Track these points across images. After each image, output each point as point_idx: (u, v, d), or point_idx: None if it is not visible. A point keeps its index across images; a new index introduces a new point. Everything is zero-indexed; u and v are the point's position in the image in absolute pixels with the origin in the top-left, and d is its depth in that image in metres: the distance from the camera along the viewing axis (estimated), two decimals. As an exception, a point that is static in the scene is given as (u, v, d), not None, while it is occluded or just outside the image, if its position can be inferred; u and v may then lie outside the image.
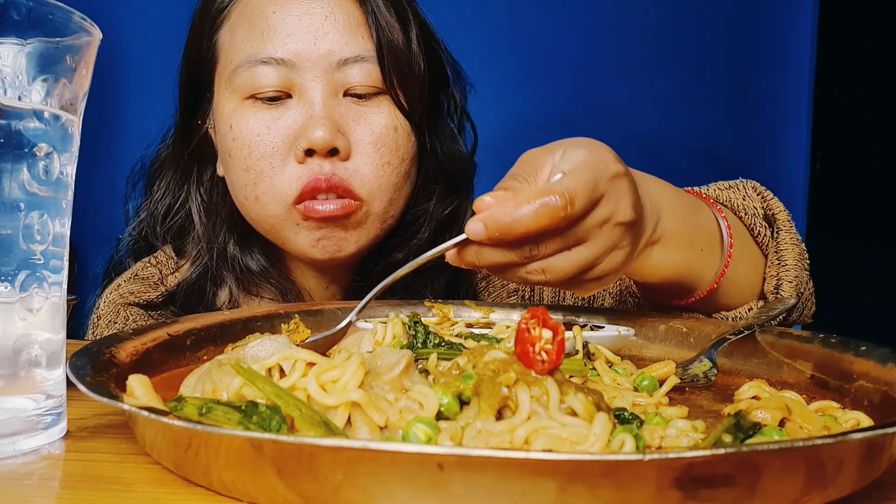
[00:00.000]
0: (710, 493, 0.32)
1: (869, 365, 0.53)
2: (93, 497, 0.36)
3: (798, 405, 0.47)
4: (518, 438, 0.37)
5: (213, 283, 0.90)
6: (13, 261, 0.41)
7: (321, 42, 0.80)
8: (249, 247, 0.90)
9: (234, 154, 0.82)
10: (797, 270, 0.75)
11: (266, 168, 0.80)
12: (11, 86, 0.41)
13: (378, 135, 0.81)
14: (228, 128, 0.82)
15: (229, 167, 0.84)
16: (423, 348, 0.55)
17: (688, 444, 0.41)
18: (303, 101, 0.80)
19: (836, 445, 0.33)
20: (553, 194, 0.50)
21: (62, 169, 0.44)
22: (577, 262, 0.55)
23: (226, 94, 0.83)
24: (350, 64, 0.81)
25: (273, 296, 0.91)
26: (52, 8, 0.41)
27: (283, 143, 0.80)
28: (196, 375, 0.48)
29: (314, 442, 0.32)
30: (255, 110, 0.81)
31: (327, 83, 0.80)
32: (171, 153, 0.95)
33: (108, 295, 0.92)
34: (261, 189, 0.81)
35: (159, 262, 0.94)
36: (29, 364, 0.42)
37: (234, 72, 0.82)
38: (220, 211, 0.91)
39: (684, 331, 0.70)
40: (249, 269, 0.89)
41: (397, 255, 0.90)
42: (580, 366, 0.53)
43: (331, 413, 0.38)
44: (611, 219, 0.55)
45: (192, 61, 0.88)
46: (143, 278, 0.92)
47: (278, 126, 0.80)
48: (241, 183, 0.83)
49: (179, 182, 0.93)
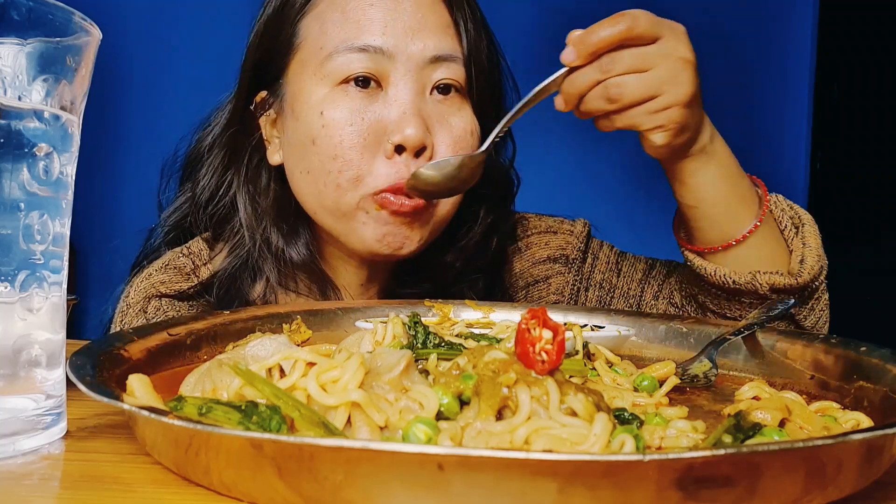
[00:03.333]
0: (711, 494, 0.32)
1: (869, 365, 0.53)
2: (93, 497, 0.36)
3: (798, 406, 0.47)
4: (518, 439, 0.37)
5: (250, 274, 0.90)
6: (13, 261, 0.41)
7: (416, 38, 0.82)
8: (294, 238, 0.90)
9: (322, 141, 0.82)
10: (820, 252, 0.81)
11: (355, 157, 0.81)
12: (11, 86, 0.41)
13: (457, 137, 0.84)
14: (318, 114, 0.82)
15: (311, 154, 0.83)
16: (423, 348, 0.55)
17: (688, 444, 0.41)
18: (394, 95, 0.82)
19: (836, 446, 0.33)
20: (621, 15, 0.71)
21: (62, 169, 0.44)
22: (645, 82, 0.71)
23: (314, 81, 0.84)
24: (440, 62, 0.83)
25: (309, 292, 0.91)
26: (52, 8, 0.41)
27: (373, 135, 0.81)
28: (196, 375, 0.48)
29: (314, 442, 0.32)
30: (349, 99, 0.82)
31: (417, 79, 0.83)
32: (222, 138, 0.94)
33: (139, 284, 0.91)
34: (345, 178, 0.82)
35: (192, 253, 0.93)
36: (29, 364, 0.42)
37: (327, 57, 0.82)
38: (265, 201, 0.91)
39: (684, 331, 0.70)
40: (292, 260, 0.89)
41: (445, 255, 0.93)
42: (580, 366, 0.53)
43: (331, 413, 0.38)
44: (672, 54, 0.72)
45: (267, 46, 0.89)
46: (176, 268, 0.91)
47: (369, 117, 0.81)
48: (325, 170, 0.82)
49: (226, 168, 0.94)
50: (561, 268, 1.00)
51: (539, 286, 1.00)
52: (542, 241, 1.02)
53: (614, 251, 1.02)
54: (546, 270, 1.00)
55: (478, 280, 0.95)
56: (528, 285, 1.01)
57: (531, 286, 1.01)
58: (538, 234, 1.02)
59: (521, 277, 1.01)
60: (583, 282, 1.00)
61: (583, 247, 1.01)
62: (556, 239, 1.01)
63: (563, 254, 1.00)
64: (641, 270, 0.98)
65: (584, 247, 1.01)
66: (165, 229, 0.98)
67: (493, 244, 0.96)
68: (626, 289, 0.98)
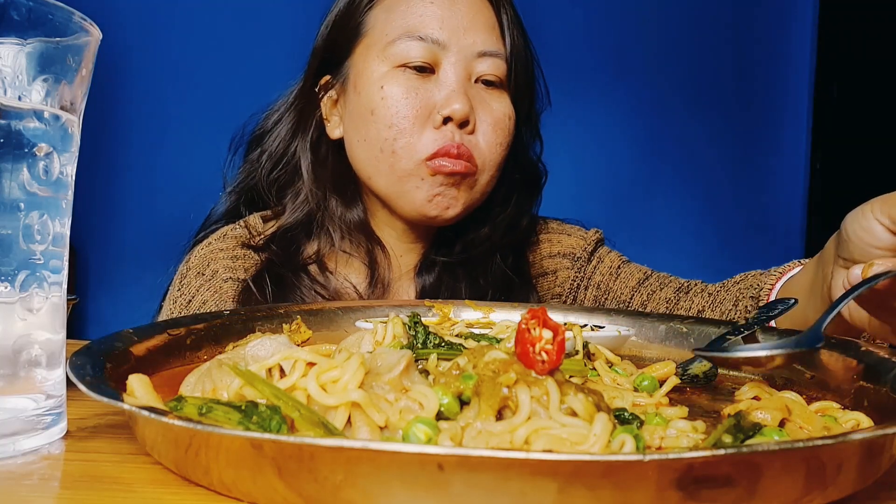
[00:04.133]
0: (711, 494, 0.32)
1: (869, 365, 0.53)
2: (93, 497, 0.36)
3: (798, 406, 0.47)
4: (518, 439, 0.37)
5: (307, 233, 1.01)
6: (13, 261, 0.41)
7: (468, 34, 0.95)
8: (352, 204, 1.02)
9: (380, 112, 0.94)
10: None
11: (408, 127, 0.93)
12: (11, 86, 0.41)
13: (497, 118, 0.96)
14: (379, 88, 0.94)
15: (369, 123, 0.95)
16: (423, 348, 0.55)
17: (688, 444, 0.41)
18: (444, 78, 0.94)
19: (836, 446, 0.33)
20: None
21: (62, 169, 0.44)
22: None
23: (377, 62, 0.96)
24: (486, 57, 0.96)
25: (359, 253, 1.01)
26: (52, 8, 0.41)
27: (424, 109, 0.93)
28: (196, 375, 0.48)
29: (314, 442, 0.32)
30: (405, 78, 0.94)
31: (465, 68, 0.95)
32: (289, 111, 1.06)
33: (200, 251, 1.01)
34: (399, 144, 0.93)
35: (248, 225, 1.04)
36: (29, 364, 0.42)
37: (391, 42, 0.95)
38: (325, 170, 1.03)
39: (684, 331, 0.70)
40: (350, 220, 1.01)
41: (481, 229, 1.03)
42: (581, 366, 0.53)
43: (331, 413, 0.38)
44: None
45: (336, 34, 1.02)
46: (233, 237, 1.02)
47: (422, 94, 0.93)
48: (382, 137, 0.94)
49: (291, 138, 1.06)
50: (568, 263, 1.09)
51: (547, 278, 1.10)
52: (556, 240, 1.12)
53: (620, 259, 1.10)
54: (555, 264, 1.10)
55: (507, 255, 1.05)
56: (538, 275, 1.11)
57: (540, 277, 1.11)
58: (555, 234, 1.13)
59: (532, 268, 1.10)
60: (584, 280, 1.08)
61: (591, 249, 1.10)
62: (569, 240, 1.12)
63: (571, 251, 1.10)
64: (637, 279, 1.05)
65: (591, 249, 1.10)
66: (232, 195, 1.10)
67: (523, 223, 1.07)
68: (619, 293, 1.06)
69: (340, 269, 1.01)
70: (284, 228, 1.01)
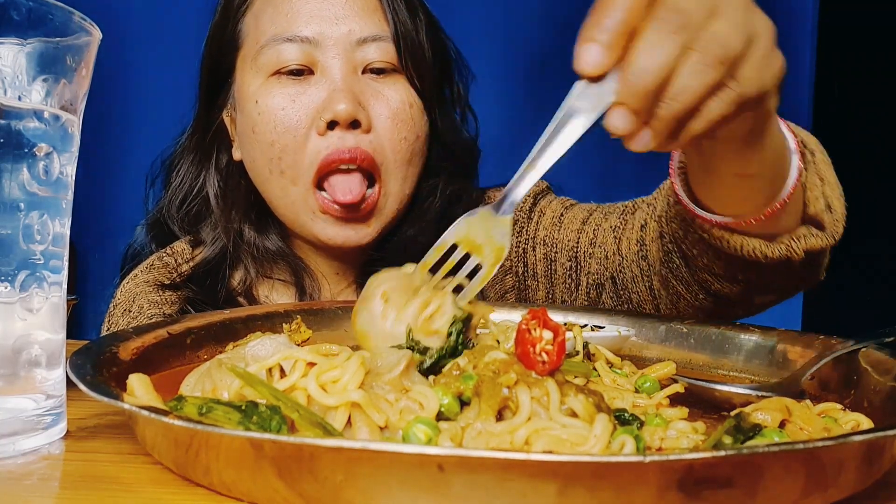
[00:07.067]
0: (711, 495, 0.32)
1: (869, 366, 0.53)
2: (93, 497, 0.36)
3: (798, 407, 0.47)
4: (518, 439, 0.37)
5: (230, 264, 0.94)
6: (13, 261, 0.41)
7: (342, 23, 0.86)
8: (265, 229, 0.94)
9: (259, 129, 0.86)
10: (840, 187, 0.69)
11: (290, 141, 0.84)
12: (11, 86, 0.41)
13: (395, 109, 0.87)
14: (254, 103, 0.87)
15: (253, 143, 0.87)
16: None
17: (688, 445, 0.41)
18: (325, 77, 0.85)
19: (836, 447, 0.33)
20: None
21: (62, 169, 0.44)
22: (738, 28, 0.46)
23: (251, 74, 0.88)
24: (368, 43, 0.86)
25: (286, 277, 0.94)
26: (52, 8, 0.41)
27: (306, 117, 0.84)
28: (196, 375, 0.48)
29: (315, 442, 0.32)
30: (281, 86, 0.86)
31: (347, 60, 0.86)
32: (190, 141, 0.99)
33: (125, 285, 0.96)
34: (286, 163, 0.85)
35: (175, 253, 0.97)
36: (29, 364, 0.42)
37: (259, 50, 0.87)
38: (236, 195, 0.95)
39: (684, 331, 0.69)
40: (267, 249, 0.93)
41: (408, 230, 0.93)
42: (583, 366, 0.53)
43: (331, 413, 0.38)
44: None
45: (216, 49, 0.94)
46: (160, 267, 0.96)
47: (302, 101, 0.85)
48: (266, 157, 0.86)
49: (197, 169, 0.98)
50: None
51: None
52: None
53: (564, 204, 0.97)
54: None
55: None
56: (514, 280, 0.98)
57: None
58: None
59: None
60: (528, 242, 0.96)
61: (528, 206, 0.97)
62: None
63: None
64: (581, 220, 0.93)
65: (529, 206, 0.97)
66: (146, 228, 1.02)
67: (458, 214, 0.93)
68: (566, 241, 0.93)
69: (270, 296, 0.95)
70: (202, 263, 0.94)
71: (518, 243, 0.96)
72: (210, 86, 0.95)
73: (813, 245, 0.66)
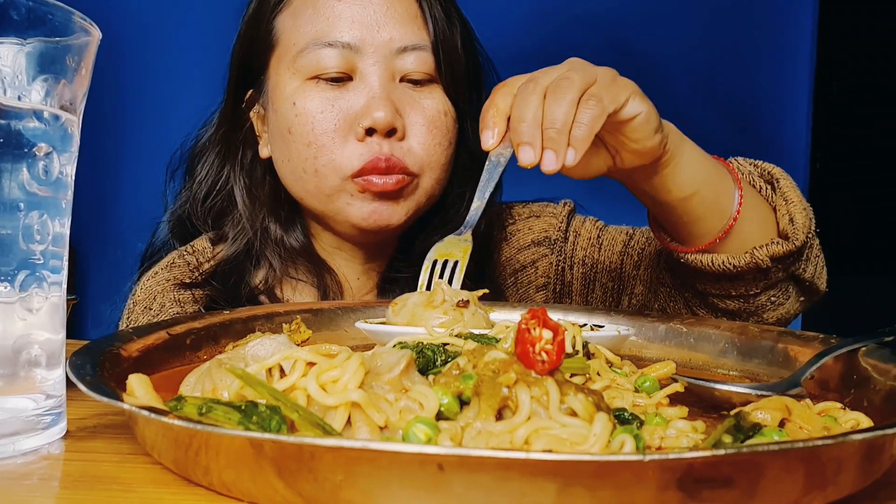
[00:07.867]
0: (711, 494, 0.32)
1: (869, 366, 0.53)
2: (93, 497, 0.36)
3: (798, 406, 0.47)
4: (518, 439, 0.37)
5: (252, 262, 0.95)
6: (13, 261, 0.41)
7: (383, 30, 0.86)
8: (291, 227, 0.95)
9: (296, 129, 0.87)
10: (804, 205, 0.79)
11: (328, 143, 0.85)
12: (11, 86, 0.41)
13: (431, 118, 0.88)
14: (291, 105, 0.87)
15: (288, 142, 0.88)
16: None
17: (688, 444, 0.41)
18: (363, 83, 0.86)
19: (835, 446, 0.33)
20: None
21: (62, 169, 0.44)
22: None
23: (287, 75, 0.88)
24: (408, 52, 0.87)
25: (309, 279, 0.95)
26: (52, 8, 0.41)
27: (344, 121, 0.85)
28: (196, 374, 0.48)
29: (314, 442, 0.32)
30: (319, 90, 0.86)
31: (386, 68, 0.86)
32: (215, 136, 0.99)
33: (146, 282, 0.95)
34: (321, 162, 0.86)
35: (196, 251, 0.97)
36: (29, 364, 0.42)
37: (299, 53, 0.87)
38: (261, 193, 0.96)
39: (684, 331, 0.70)
40: (291, 247, 0.94)
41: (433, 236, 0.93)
42: (582, 363, 0.53)
43: (331, 413, 0.38)
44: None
45: (248, 45, 0.94)
46: (181, 265, 0.96)
47: (340, 105, 0.86)
48: (302, 157, 0.87)
49: (221, 164, 0.98)
50: (545, 250, 1.01)
51: (527, 271, 1.02)
52: (526, 227, 1.03)
53: (597, 226, 1.02)
54: (532, 255, 1.02)
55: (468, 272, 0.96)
56: (515, 272, 1.03)
57: (519, 272, 1.03)
58: (522, 220, 1.04)
59: (508, 264, 1.03)
60: (566, 261, 1.00)
61: (564, 226, 1.02)
62: (540, 223, 1.03)
63: (546, 236, 1.02)
64: (621, 242, 0.98)
65: (565, 226, 1.02)
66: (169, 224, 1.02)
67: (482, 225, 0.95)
68: (608, 263, 0.98)
69: (291, 296, 0.95)
70: (225, 260, 0.94)
71: (556, 262, 1.00)
72: (239, 81, 0.95)
73: (775, 251, 0.76)
